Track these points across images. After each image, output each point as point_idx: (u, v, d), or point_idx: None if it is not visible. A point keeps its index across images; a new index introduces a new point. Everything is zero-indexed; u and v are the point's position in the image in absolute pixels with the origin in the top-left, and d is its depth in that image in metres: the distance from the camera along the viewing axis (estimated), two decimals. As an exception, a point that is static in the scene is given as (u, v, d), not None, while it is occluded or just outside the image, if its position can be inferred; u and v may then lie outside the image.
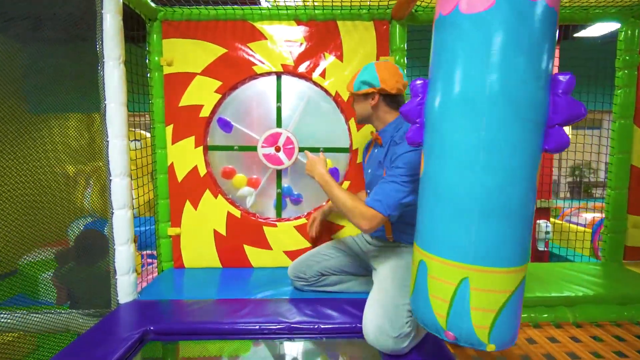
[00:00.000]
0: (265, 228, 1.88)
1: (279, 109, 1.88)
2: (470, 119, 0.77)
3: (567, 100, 0.74)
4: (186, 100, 1.80)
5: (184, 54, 1.78)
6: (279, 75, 1.85)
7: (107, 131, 1.38)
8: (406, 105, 0.95)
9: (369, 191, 1.51)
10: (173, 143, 1.82)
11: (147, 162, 1.84)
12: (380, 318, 1.16)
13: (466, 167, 0.79)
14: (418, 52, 2.05)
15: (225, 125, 1.85)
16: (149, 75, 1.79)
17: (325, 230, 1.89)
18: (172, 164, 1.83)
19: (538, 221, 3.13)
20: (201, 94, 1.80)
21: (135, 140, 1.99)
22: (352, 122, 1.84)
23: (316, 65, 1.81)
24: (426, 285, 0.89)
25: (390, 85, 1.36)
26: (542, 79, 0.74)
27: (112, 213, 1.42)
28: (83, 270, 1.70)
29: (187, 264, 1.89)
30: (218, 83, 1.80)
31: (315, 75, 1.81)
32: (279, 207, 1.94)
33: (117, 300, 1.46)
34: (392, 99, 1.41)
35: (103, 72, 1.37)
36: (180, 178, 1.84)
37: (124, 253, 1.44)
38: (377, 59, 1.81)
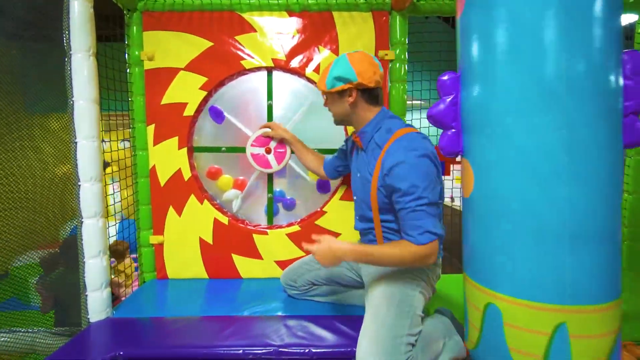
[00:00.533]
0: (255, 236, 1.74)
1: (270, 107, 1.74)
2: (549, 114, 0.60)
3: (637, 82, 0.58)
4: (169, 97, 1.66)
5: (166, 48, 1.64)
6: (269, 70, 1.71)
7: (75, 131, 1.24)
8: (436, 108, 0.79)
9: (355, 197, 1.36)
10: (155, 144, 1.68)
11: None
12: (376, 355, 1.01)
13: (546, 178, 0.61)
14: (419, 46, 1.92)
15: (217, 116, 1.71)
16: (128, 70, 1.65)
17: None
18: (154, 166, 1.69)
19: None
20: (185, 91, 1.66)
21: (124, 140, 1.84)
22: (349, 121, 1.70)
23: (310, 59, 1.67)
24: (503, 337, 0.71)
25: (368, 78, 1.18)
26: (615, 59, 0.58)
27: (82, 222, 1.28)
28: (67, 278, 1.58)
29: (170, 274, 1.75)
30: (203, 79, 1.66)
31: (309, 71, 1.67)
32: (270, 213, 1.80)
33: (88, 318, 1.32)
34: (371, 94, 1.22)
35: (70, 65, 1.23)
36: (162, 182, 1.70)
37: (95, 267, 1.30)
38: (376, 53, 1.67)
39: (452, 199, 3.11)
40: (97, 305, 1.32)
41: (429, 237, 1.05)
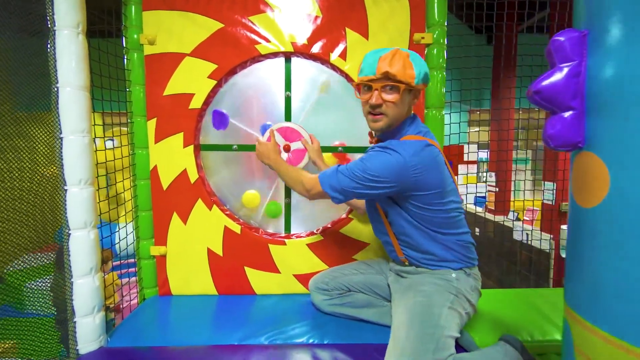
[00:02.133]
0: (271, 247, 1.52)
1: (288, 99, 1.52)
2: None
3: None
4: (172, 87, 1.44)
5: (169, 30, 1.42)
6: (288, 56, 1.49)
7: (59, 124, 1.02)
8: (547, 80, 0.56)
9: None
10: (156, 141, 1.46)
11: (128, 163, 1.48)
12: None
13: None
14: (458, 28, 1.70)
15: (220, 122, 1.50)
16: (125, 56, 1.43)
17: (346, 247, 1.53)
18: (155, 167, 1.47)
19: (563, 227, 2.86)
20: (191, 80, 1.44)
21: (112, 138, 1.62)
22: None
23: (335, 44, 1.45)
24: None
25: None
26: None
27: (69, 235, 1.05)
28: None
29: (174, 290, 1.53)
30: (212, 66, 1.44)
31: (334, 57, 1.45)
32: (288, 220, 1.58)
33: (77, 350, 1.09)
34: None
35: (54, 44, 1.01)
36: (165, 185, 1.48)
37: (86, 287, 1.08)
38: (411, 36, 1.45)
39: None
40: (88, 333, 1.10)
41: (321, 178, 1.10)
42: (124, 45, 1.42)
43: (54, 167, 1.06)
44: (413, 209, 1.07)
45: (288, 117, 1.52)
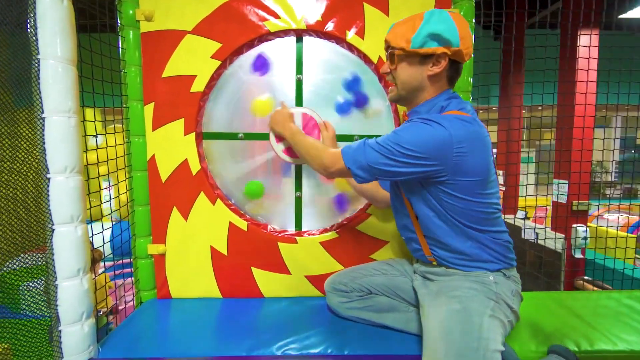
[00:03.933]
0: (281, 245, 1.38)
1: (299, 84, 1.38)
2: None
3: None
4: (172, 69, 1.30)
5: (168, 5, 1.28)
6: (299, 35, 1.35)
7: (41, 102, 0.88)
8: None
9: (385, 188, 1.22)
10: (154, 129, 1.32)
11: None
12: None
13: None
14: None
15: (262, 65, 1.36)
16: (120, 34, 1.29)
17: (362, 246, 1.39)
18: (153, 157, 1.33)
19: (574, 226, 2.75)
20: (193, 60, 1.30)
21: (97, 135, 1.46)
22: (399, 99, 1.34)
23: (351, 21, 1.31)
24: None
25: (467, 48, 0.94)
26: None
27: (53, 230, 0.91)
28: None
29: (174, 293, 1.39)
30: (216, 45, 1.30)
31: (350, 35, 1.31)
32: (299, 216, 1.44)
33: (62, 363, 0.95)
34: (457, 70, 1.00)
35: (34, 9, 0.87)
36: (164, 177, 1.34)
37: (72, 291, 0.94)
38: (436, 11, 1.31)
39: None
40: (75, 343, 0.96)
41: (344, 153, 0.97)
42: (118, 22, 1.28)
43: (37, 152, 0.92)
44: (447, 199, 0.93)
45: (299, 102, 1.38)
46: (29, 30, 0.88)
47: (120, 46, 1.29)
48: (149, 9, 1.27)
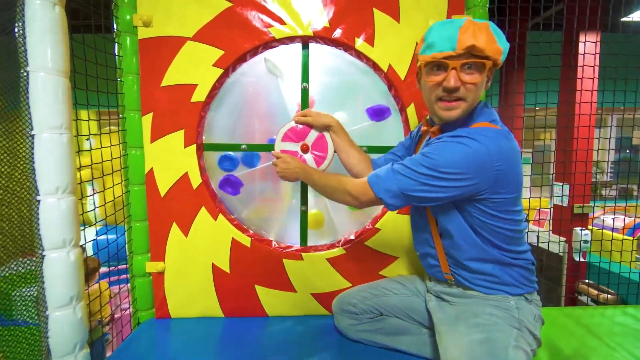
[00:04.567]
0: (286, 262, 1.32)
1: (305, 92, 1.32)
2: None
3: None
4: (172, 77, 1.23)
5: (168, 9, 1.21)
6: (305, 42, 1.29)
7: (30, 119, 0.81)
8: None
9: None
10: (153, 140, 1.25)
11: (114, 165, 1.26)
12: None
13: None
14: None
15: (232, 186, 1.33)
16: (116, 41, 1.22)
17: (371, 262, 1.33)
18: (151, 170, 1.26)
19: (575, 229, 2.73)
20: (194, 68, 1.23)
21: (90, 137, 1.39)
22: (410, 110, 1.29)
23: (361, 27, 1.25)
24: None
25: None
26: None
27: (43, 256, 0.84)
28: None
29: (173, 312, 1.32)
30: (219, 52, 1.23)
31: (359, 42, 1.25)
32: (304, 231, 1.38)
33: (54, 398, 0.88)
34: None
35: (23, 16, 0.80)
36: (163, 191, 1.27)
37: (64, 322, 0.87)
38: (449, 18, 1.26)
39: None
40: (68, 376, 0.89)
41: (373, 182, 0.90)
42: (115, 28, 1.21)
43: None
44: (480, 217, 0.87)
45: (305, 112, 1.31)
46: (17, 38, 0.81)
47: (116, 53, 1.22)
48: (147, 14, 1.20)
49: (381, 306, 1.12)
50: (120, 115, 1.25)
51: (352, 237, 1.35)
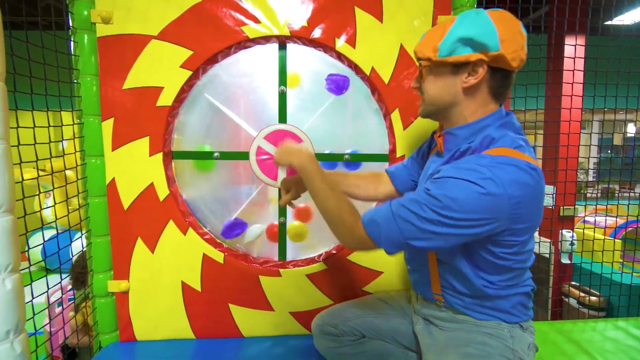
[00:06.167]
0: (262, 278, 1.22)
1: (282, 96, 1.23)
2: None
3: None
4: (134, 79, 1.13)
5: (129, 5, 1.10)
6: (282, 42, 1.20)
7: (-46, 127, 0.70)
8: None
9: None
10: (114, 148, 1.14)
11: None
12: None
13: None
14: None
15: (238, 227, 1.27)
16: (72, 39, 1.11)
17: (354, 278, 1.25)
18: (113, 180, 1.15)
19: (562, 231, 2.71)
20: (159, 69, 1.13)
21: (63, 140, 1.29)
22: (394, 116, 1.21)
23: (341, 27, 1.17)
24: None
25: (512, 53, 0.74)
26: None
27: (-28, 286, 0.73)
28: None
29: (139, 335, 1.21)
30: (187, 53, 1.13)
31: (340, 43, 1.17)
32: (283, 245, 1.29)
33: None
34: (504, 80, 0.78)
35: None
36: (126, 204, 1.16)
37: (5, 356, 0.76)
38: (434, 19, 1.19)
39: None
40: (5, 421, 0.78)
41: (372, 231, 0.76)
42: (70, 25, 1.10)
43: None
44: (486, 256, 0.78)
45: (283, 118, 1.23)
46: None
47: (72, 52, 1.11)
48: (106, 10, 1.09)
49: (364, 327, 1.03)
50: (78, 121, 1.13)
51: (334, 251, 1.27)
